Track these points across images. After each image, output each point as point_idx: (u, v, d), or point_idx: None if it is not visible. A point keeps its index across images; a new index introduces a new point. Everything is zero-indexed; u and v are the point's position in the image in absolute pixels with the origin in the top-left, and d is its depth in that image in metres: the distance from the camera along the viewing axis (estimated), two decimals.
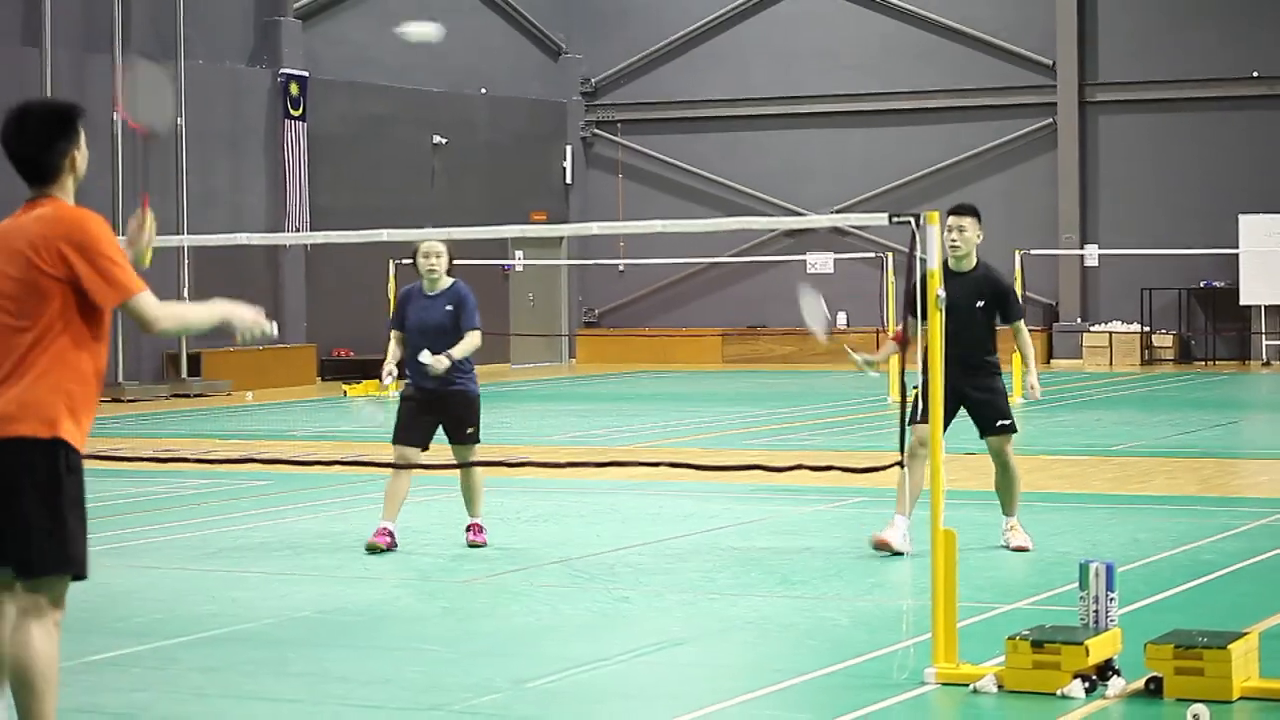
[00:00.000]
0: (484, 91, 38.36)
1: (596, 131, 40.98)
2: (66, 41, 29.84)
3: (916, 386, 9.47)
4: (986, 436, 11.92)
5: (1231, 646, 7.70)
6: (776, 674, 8.42)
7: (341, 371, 33.39)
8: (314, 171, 33.96)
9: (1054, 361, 36.81)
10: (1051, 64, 37.44)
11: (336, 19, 35.67)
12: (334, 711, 7.90)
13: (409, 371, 12.65)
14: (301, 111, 33.77)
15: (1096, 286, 37.40)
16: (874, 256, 35.52)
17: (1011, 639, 7.99)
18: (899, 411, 8.86)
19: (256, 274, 32.71)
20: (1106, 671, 7.93)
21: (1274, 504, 14.43)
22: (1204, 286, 36.15)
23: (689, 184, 40.07)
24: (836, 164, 38.87)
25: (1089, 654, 7.84)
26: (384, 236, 10.28)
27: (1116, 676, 7.92)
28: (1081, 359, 36.46)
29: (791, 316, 38.59)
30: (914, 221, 8.29)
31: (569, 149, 40.51)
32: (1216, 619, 9.27)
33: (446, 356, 12.26)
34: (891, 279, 30.26)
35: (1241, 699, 7.70)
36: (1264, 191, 35.62)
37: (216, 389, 30.57)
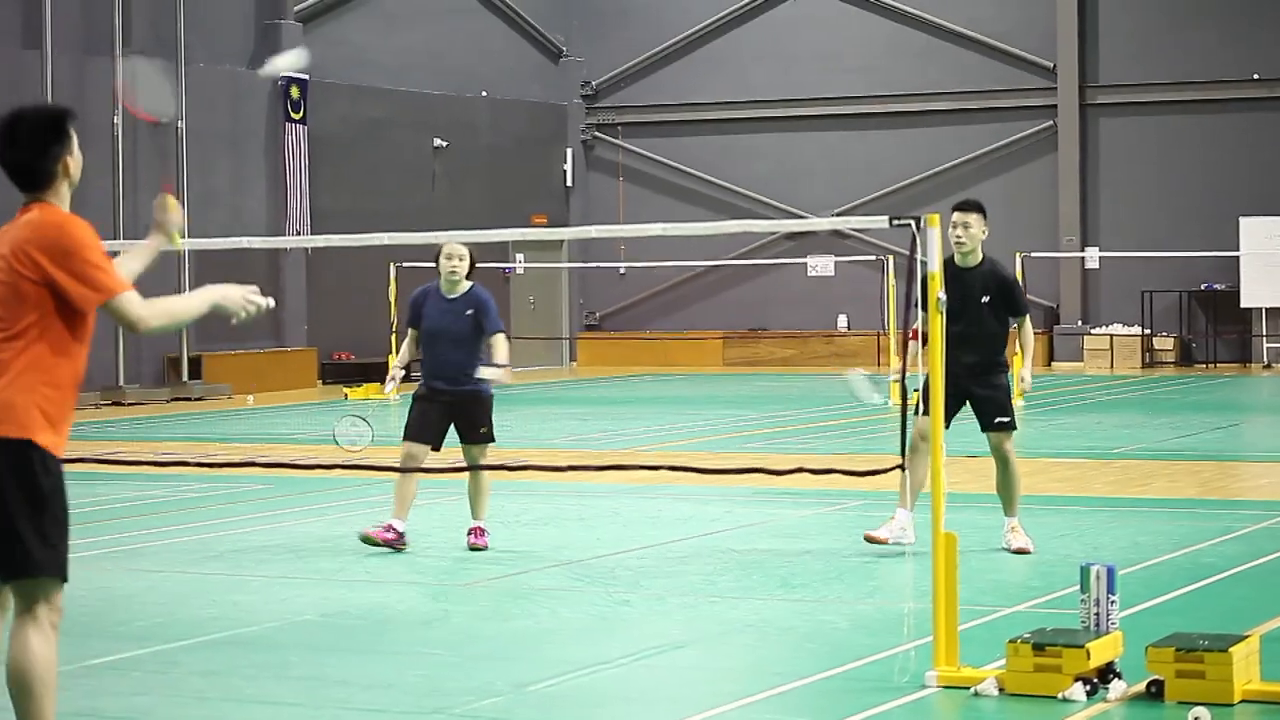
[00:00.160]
0: (484, 94, 38.37)
1: (597, 134, 40.98)
2: (67, 44, 29.85)
3: (918, 390, 9.48)
4: (986, 432, 12.06)
5: (1233, 649, 7.69)
6: (777, 677, 8.42)
7: (342, 375, 33.38)
8: (314, 174, 33.96)
9: (1054, 364, 36.80)
10: (1052, 66, 37.43)
11: (337, 22, 35.67)
12: (335, 715, 7.90)
13: (423, 372, 12.68)
14: (302, 114, 33.78)
15: (1097, 289, 37.39)
16: (874, 259, 35.53)
17: (1013, 642, 7.99)
18: (900, 414, 8.86)
19: (257, 277, 32.28)
20: (1108, 674, 7.93)
21: (1275, 507, 14.41)
22: (1205, 289, 36.14)
23: (689, 187, 40.06)
24: (837, 167, 38.86)
25: (1090, 657, 7.84)
26: (384, 240, 10.28)
27: (1118, 679, 7.92)
28: (1082, 361, 36.43)
29: (792, 319, 38.81)
30: (914, 224, 8.29)
31: (569, 152, 40.51)
32: (1217, 622, 9.27)
33: (502, 366, 12.32)
34: (892, 282, 30.28)
35: (1243, 702, 7.69)
36: (1265, 194, 35.62)
37: (217, 392, 30.57)
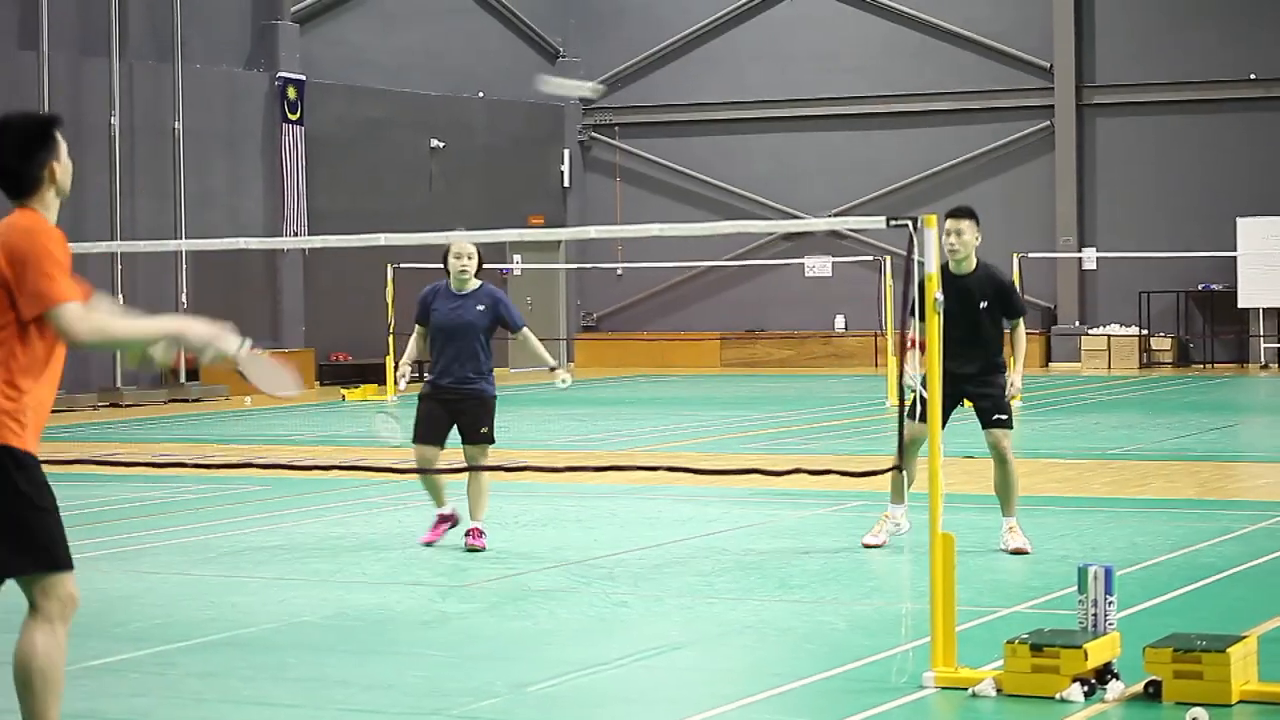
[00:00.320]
0: (481, 95, 38.38)
1: (594, 135, 40.98)
2: (63, 45, 29.85)
3: (914, 390, 9.47)
4: (985, 429, 12.14)
5: (1230, 650, 7.69)
6: (775, 678, 8.42)
7: (340, 376, 33.37)
8: (311, 175, 33.96)
9: (1052, 365, 36.81)
10: (1049, 66, 37.44)
11: (334, 22, 35.68)
12: (333, 717, 7.90)
13: (431, 369, 12.70)
14: (299, 115, 33.78)
15: (1094, 289, 37.40)
16: (872, 260, 35.55)
17: (1010, 643, 7.99)
18: (897, 415, 8.86)
19: (254, 277, 32.72)
20: (1105, 675, 7.93)
21: (1272, 507, 14.42)
22: (1202, 289, 36.15)
23: (687, 187, 40.06)
24: (834, 167, 38.87)
25: (1088, 658, 7.84)
26: (382, 240, 10.28)
27: (1115, 680, 7.92)
28: (1080, 362, 36.44)
29: (789, 320, 38.82)
30: (912, 225, 8.29)
31: (566, 152, 40.52)
32: (1215, 622, 9.27)
33: (563, 369, 13.05)
34: (889, 282, 30.28)
35: (1240, 702, 7.69)
36: (1262, 194, 35.63)
37: (214, 394, 30.54)
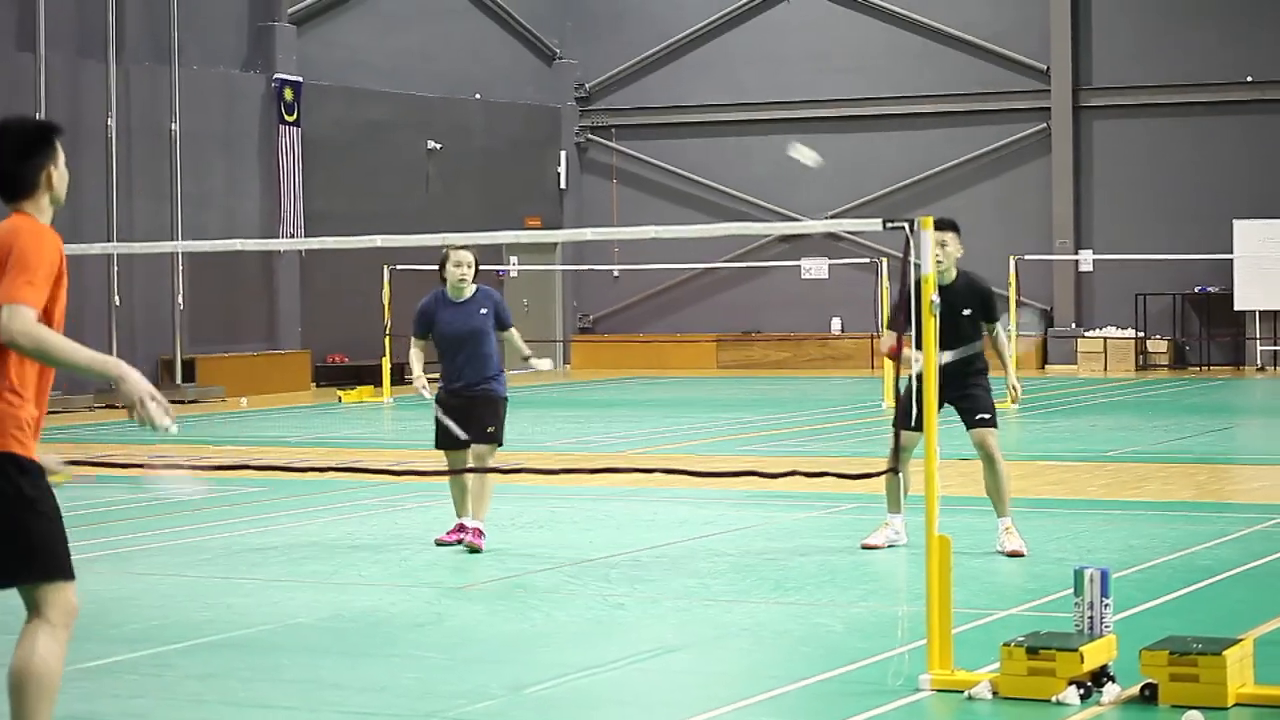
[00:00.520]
0: (478, 97, 38.37)
1: (591, 137, 40.98)
2: (60, 47, 29.83)
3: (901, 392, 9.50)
4: (969, 430, 12.21)
5: (1226, 653, 7.70)
6: (771, 681, 8.42)
7: (336, 378, 33.37)
8: (308, 176, 33.95)
9: (1048, 367, 36.82)
10: (1045, 68, 37.46)
11: (330, 24, 35.67)
12: (330, 718, 7.90)
13: (441, 378, 12.78)
14: (296, 117, 33.76)
15: (1091, 292, 37.41)
16: (868, 262, 35.54)
17: (1006, 645, 7.99)
18: (893, 417, 8.87)
19: (251, 279, 32.73)
20: (1101, 678, 7.93)
21: (1269, 509, 14.42)
22: (1199, 292, 36.16)
23: (683, 189, 40.07)
24: (830, 169, 38.85)
25: (1084, 660, 7.84)
26: (379, 242, 10.27)
27: (1111, 683, 7.92)
28: (1076, 364, 36.44)
29: (785, 322, 38.83)
30: (908, 227, 8.29)
31: (563, 154, 40.52)
32: (1211, 625, 9.27)
33: (534, 357, 13.05)
34: (886, 284, 30.27)
35: (1236, 705, 7.70)
36: (1259, 196, 35.65)
37: (211, 395, 30.54)
